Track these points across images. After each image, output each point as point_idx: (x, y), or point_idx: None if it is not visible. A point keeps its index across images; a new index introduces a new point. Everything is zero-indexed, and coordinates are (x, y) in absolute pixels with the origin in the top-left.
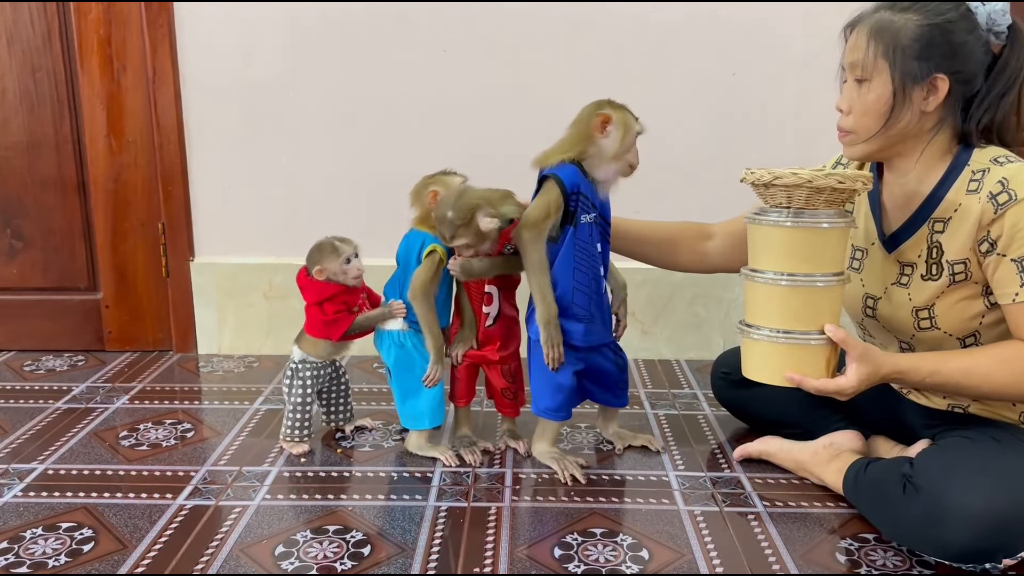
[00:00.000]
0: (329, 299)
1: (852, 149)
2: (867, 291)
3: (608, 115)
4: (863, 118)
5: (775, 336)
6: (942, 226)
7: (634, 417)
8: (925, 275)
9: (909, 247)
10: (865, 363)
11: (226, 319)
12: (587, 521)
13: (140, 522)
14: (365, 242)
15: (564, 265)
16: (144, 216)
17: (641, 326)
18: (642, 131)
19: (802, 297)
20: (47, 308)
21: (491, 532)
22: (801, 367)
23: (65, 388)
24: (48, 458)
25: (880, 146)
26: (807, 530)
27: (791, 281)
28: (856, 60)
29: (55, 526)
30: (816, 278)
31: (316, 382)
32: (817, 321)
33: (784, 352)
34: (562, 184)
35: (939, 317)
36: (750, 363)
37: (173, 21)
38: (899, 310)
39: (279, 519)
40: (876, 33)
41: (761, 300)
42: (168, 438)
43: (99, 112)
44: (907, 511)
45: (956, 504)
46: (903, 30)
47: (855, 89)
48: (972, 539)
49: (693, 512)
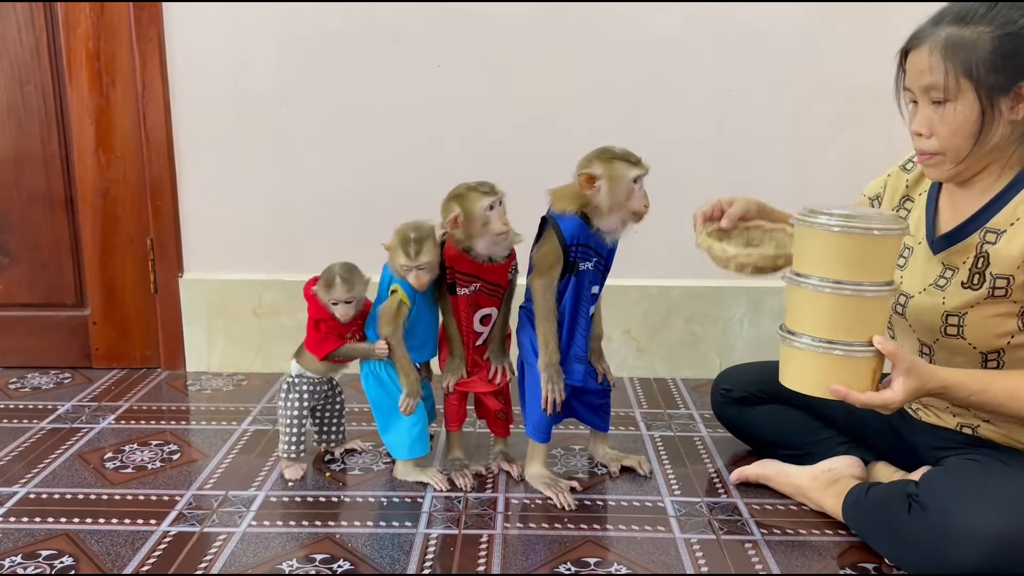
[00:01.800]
0: (324, 320)
1: (939, 170)
2: (902, 288)
3: (590, 174)
4: (953, 139)
5: (818, 346)
6: (995, 237)
7: (629, 438)
8: (965, 283)
9: (957, 251)
10: (913, 377)
11: (215, 336)
12: (580, 550)
13: (122, 549)
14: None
15: (565, 311)
16: (133, 231)
17: (637, 344)
18: (642, 174)
19: (849, 306)
20: (33, 324)
21: (482, 560)
22: (846, 379)
23: (50, 407)
24: (30, 481)
25: (969, 164)
26: (806, 559)
27: (837, 288)
28: (932, 82)
29: (35, 553)
30: (864, 287)
31: (311, 398)
32: (864, 332)
33: (828, 363)
34: (561, 236)
35: (968, 327)
36: (790, 372)
37: (163, 35)
38: (929, 312)
39: (265, 547)
40: (950, 51)
41: (805, 307)
42: (154, 460)
43: (88, 126)
44: (912, 531)
45: (964, 524)
46: (979, 44)
47: (933, 110)
48: (979, 559)
49: (689, 540)
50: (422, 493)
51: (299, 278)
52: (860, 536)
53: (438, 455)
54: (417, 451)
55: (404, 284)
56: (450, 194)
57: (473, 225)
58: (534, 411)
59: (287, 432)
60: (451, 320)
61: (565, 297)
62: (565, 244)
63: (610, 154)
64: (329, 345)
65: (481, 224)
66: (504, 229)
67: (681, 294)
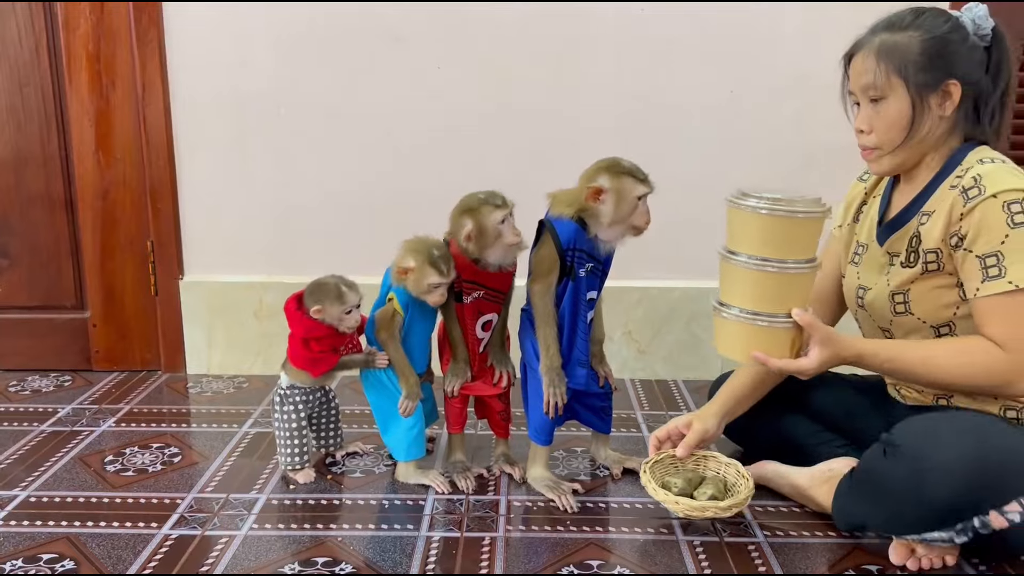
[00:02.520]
0: (317, 339)
1: (879, 164)
2: (860, 282)
3: (599, 187)
4: (887, 133)
5: (744, 317)
6: (927, 219)
7: (631, 440)
8: (904, 262)
9: (897, 238)
10: (828, 346)
11: (216, 338)
12: (583, 552)
13: (124, 552)
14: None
15: (565, 315)
16: (133, 234)
17: (637, 345)
18: (648, 192)
19: (773, 281)
20: (33, 327)
21: (484, 563)
22: (767, 347)
23: (51, 410)
24: (31, 484)
25: (905, 157)
26: (809, 561)
27: (763, 265)
28: (869, 82)
29: (36, 557)
30: (788, 264)
31: (306, 407)
32: (785, 305)
33: (752, 332)
34: (558, 240)
35: (913, 303)
36: (720, 340)
37: (163, 37)
38: (879, 295)
39: (266, 550)
40: (884, 54)
41: (734, 281)
42: (155, 463)
43: (87, 128)
44: (890, 474)
45: (935, 456)
46: (909, 47)
47: (871, 108)
48: (953, 491)
49: (692, 542)
50: (423, 496)
51: (300, 280)
52: (847, 521)
53: (439, 457)
54: (414, 453)
55: (400, 293)
56: (461, 207)
57: (486, 238)
58: (536, 414)
59: (287, 444)
60: (455, 325)
61: (564, 302)
62: (562, 248)
63: (619, 168)
64: (325, 364)
65: (494, 237)
66: (517, 240)
67: (682, 295)
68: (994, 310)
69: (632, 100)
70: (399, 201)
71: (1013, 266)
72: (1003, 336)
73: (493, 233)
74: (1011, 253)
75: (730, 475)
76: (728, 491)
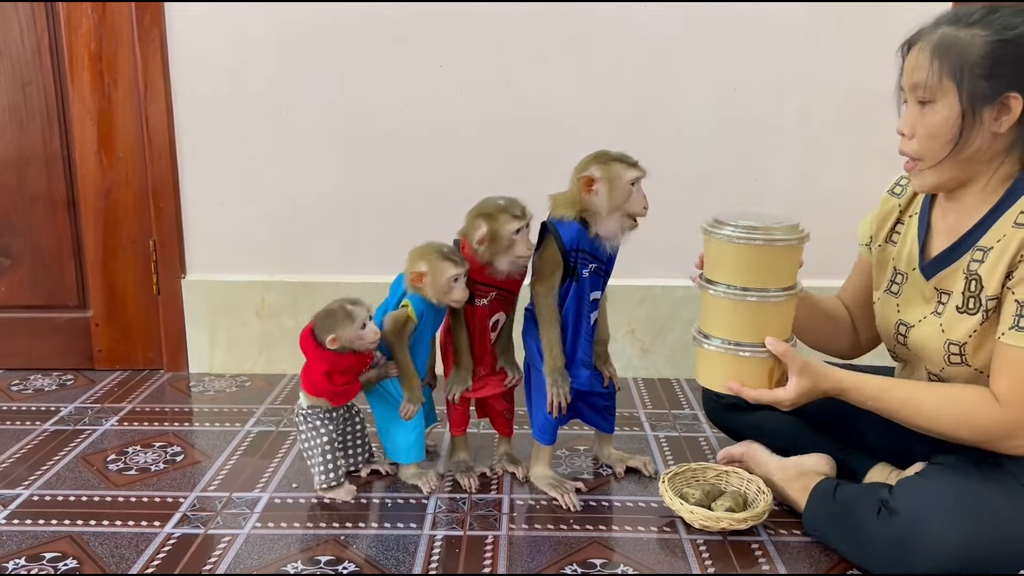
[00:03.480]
0: (342, 371)
1: (920, 179)
2: (901, 317)
3: (589, 176)
4: (930, 142)
5: (721, 347)
6: (982, 255)
7: (634, 439)
8: (961, 307)
9: (947, 275)
10: (806, 377)
11: (218, 338)
12: (586, 551)
13: (126, 552)
14: (358, 258)
15: (568, 316)
16: (135, 233)
17: (640, 344)
18: (640, 176)
19: (750, 311)
20: (36, 326)
21: (488, 562)
22: (745, 377)
23: (53, 409)
24: (34, 483)
25: (950, 174)
26: (813, 560)
27: (741, 295)
28: (919, 80)
29: (38, 556)
30: (769, 293)
31: (332, 423)
32: (763, 334)
33: (730, 362)
34: (560, 242)
35: (971, 354)
36: (699, 370)
37: (165, 36)
38: (930, 341)
39: (270, 549)
40: (940, 51)
41: (712, 311)
42: (157, 462)
43: (89, 128)
44: (878, 533)
45: (929, 535)
46: (970, 47)
47: (917, 111)
48: (938, 570)
49: (695, 541)
50: (426, 495)
51: (301, 279)
52: (816, 532)
53: (442, 458)
54: (414, 456)
55: (416, 300)
56: (479, 209)
57: (497, 246)
58: (540, 413)
59: (321, 463)
60: (461, 332)
61: (567, 302)
62: (565, 250)
63: (607, 156)
64: (351, 393)
65: (506, 246)
66: (527, 253)
67: (684, 294)
68: (1010, 361)
69: (634, 98)
70: (401, 200)
71: None
72: (1005, 392)
73: (506, 242)
74: None
75: (751, 491)
76: (747, 506)
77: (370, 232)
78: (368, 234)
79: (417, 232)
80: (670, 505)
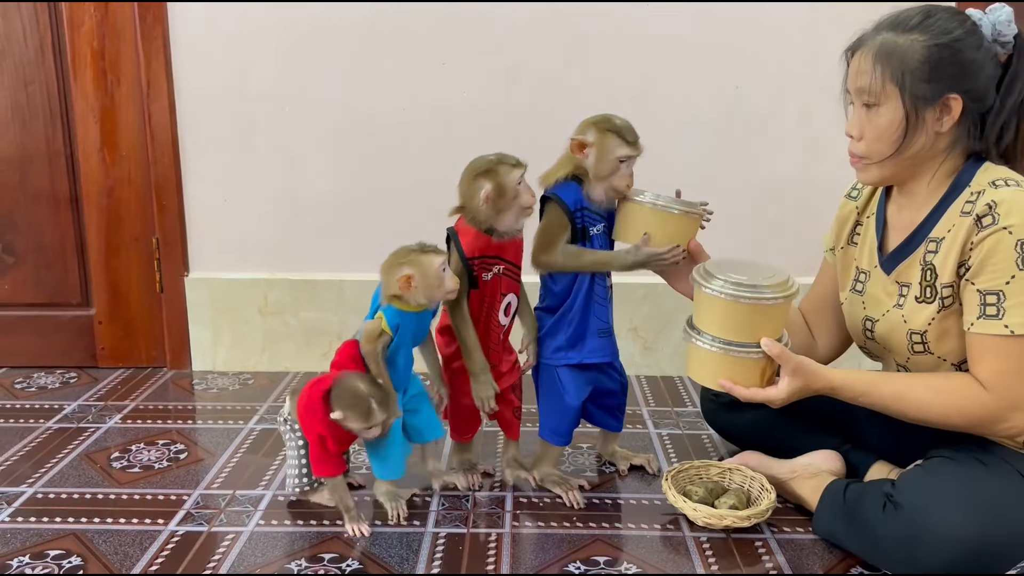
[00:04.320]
0: (338, 439)
1: (866, 174)
2: (867, 313)
3: (582, 141)
4: (876, 144)
5: (715, 345)
6: (935, 246)
7: (637, 437)
8: (919, 297)
9: (905, 267)
10: (798, 376)
11: (221, 335)
12: (590, 548)
13: (130, 549)
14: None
15: (584, 282)
16: (138, 231)
17: (643, 342)
18: (631, 155)
19: (746, 312)
20: (39, 324)
21: (491, 560)
22: (738, 376)
23: (56, 407)
24: (37, 481)
25: (894, 170)
26: (817, 558)
27: (735, 296)
28: (863, 86)
29: (43, 554)
30: (764, 293)
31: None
32: (757, 335)
33: (723, 361)
34: (563, 203)
35: (932, 342)
36: (691, 366)
37: (167, 33)
38: (895, 332)
39: (273, 546)
40: (882, 57)
41: (706, 308)
42: (161, 459)
43: (92, 126)
44: (885, 529)
45: (934, 526)
46: (910, 52)
47: (864, 114)
48: (947, 562)
49: (699, 539)
50: (429, 492)
51: (304, 277)
52: (827, 533)
53: (444, 455)
54: (390, 472)
55: (390, 313)
56: (474, 170)
57: (504, 200)
58: (552, 413)
59: (297, 466)
60: (468, 328)
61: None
62: (570, 211)
63: (608, 124)
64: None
65: (512, 197)
66: (533, 201)
67: None
68: (986, 349)
69: (636, 95)
70: (403, 197)
71: (1013, 309)
72: (988, 377)
73: (511, 193)
74: (1013, 295)
75: (754, 488)
76: (750, 503)
77: (372, 229)
78: (370, 231)
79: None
80: (673, 503)
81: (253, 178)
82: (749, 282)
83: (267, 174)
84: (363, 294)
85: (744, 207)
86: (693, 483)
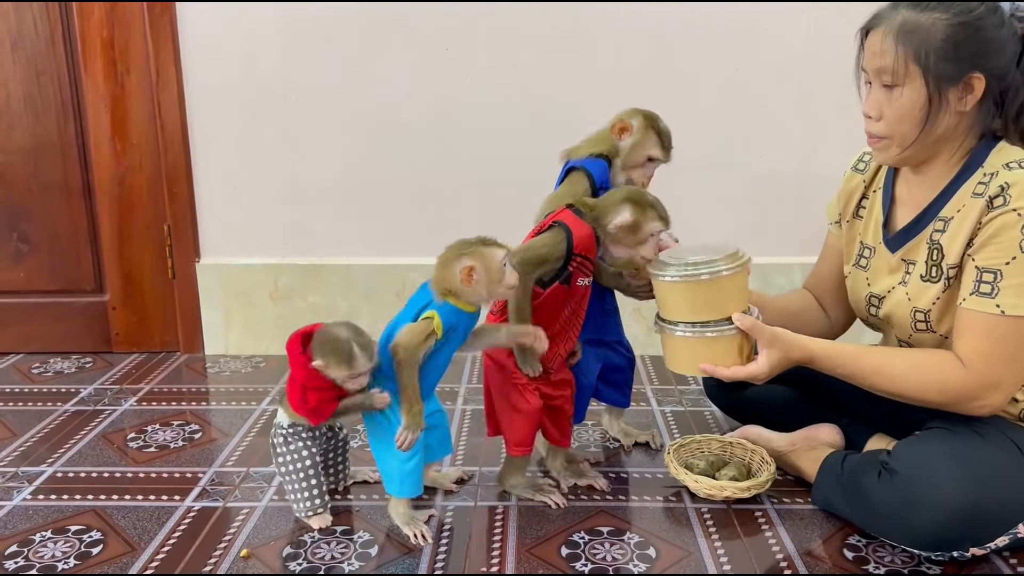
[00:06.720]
0: (316, 388)
1: (886, 154)
2: (871, 290)
3: (627, 124)
4: (899, 125)
5: (687, 331)
6: (943, 225)
7: (641, 414)
8: (924, 276)
9: (912, 246)
10: (776, 348)
11: (232, 320)
12: (594, 520)
13: (148, 524)
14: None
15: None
16: (150, 218)
17: (647, 323)
18: (659, 161)
19: (707, 289)
20: (54, 311)
21: (498, 531)
22: (716, 357)
23: (73, 390)
24: (57, 461)
25: (916, 151)
26: (816, 527)
27: (694, 275)
28: (883, 66)
29: (64, 529)
30: (720, 266)
31: (315, 444)
32: (725, 310)
33: (697, 345)
34: (591, 176)
35: (935, 321)
36: (669, 358)
37: (176, 23)
38: (898, 309)
39: (286, 520)
40: (903, 36)
41: (670, 297)
42: (176, 439)
43: (103, 115)
44: (880, 496)
45: (928, 491)
46: (932, 31)
47: (884, 94)
48: (940, 527)
49: (700, 510)
50: (438, 467)
51: (313, 261)
52: (826, 503)
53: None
54: (407, 490)
55: (446, 311)
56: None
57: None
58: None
59: (299, 488)
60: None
61: None
62: (595, 185)
63: (653, 122)
64: (325, 412)
65: (637, 241)
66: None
67: None
68: (973, 325)
69: (637, 81)
70: (409, 183)
71: (1007, 290)
72: (969, 354)
73: (642, 237)
74: (1010, 276)
75: (754, 461)
76: (751, 475)
77: (379, 215)
78: (377, 217)
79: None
80: (675, 475)
81: (261, 165)
82: (703, 260)
83: (275, 161)
84: (370, 278)
85: (745, 191)
86: (695, 456)
